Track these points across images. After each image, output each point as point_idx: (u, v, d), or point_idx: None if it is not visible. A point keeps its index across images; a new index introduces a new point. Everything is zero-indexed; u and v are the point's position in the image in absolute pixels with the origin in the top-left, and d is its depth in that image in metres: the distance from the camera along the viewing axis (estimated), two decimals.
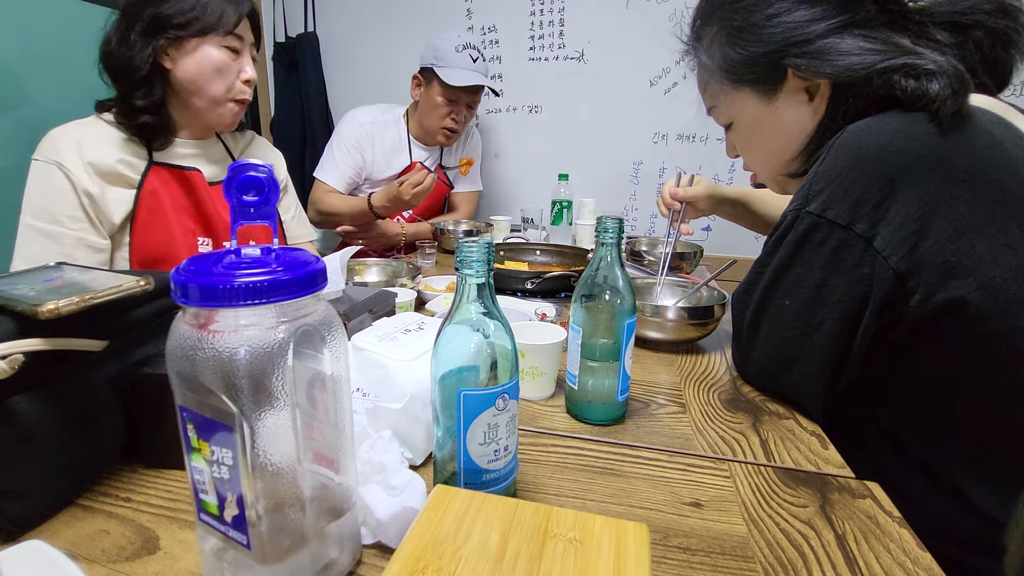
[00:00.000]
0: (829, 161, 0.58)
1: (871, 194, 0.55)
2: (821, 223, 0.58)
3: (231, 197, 0.34)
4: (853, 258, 0.57)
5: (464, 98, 1.59)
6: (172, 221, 0.97)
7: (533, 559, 0.30)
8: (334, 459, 0.37)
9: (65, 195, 0.89)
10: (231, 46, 0.95)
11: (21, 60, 1.34)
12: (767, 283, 0.65)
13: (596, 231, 0.59)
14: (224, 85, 0.96)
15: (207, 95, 0.96)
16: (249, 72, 0.99)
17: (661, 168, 1.95)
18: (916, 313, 0.56)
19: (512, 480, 0.47)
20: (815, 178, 0.59)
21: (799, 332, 0.62)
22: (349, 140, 1.64)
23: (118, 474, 0.50)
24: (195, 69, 0.93)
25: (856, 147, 0.57)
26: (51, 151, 0.89)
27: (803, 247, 0.60)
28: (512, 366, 0.43)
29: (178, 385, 0.33)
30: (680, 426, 0.63)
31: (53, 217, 0.88)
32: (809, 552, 0.44)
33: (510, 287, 1.10)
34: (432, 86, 1.58)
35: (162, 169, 0.98)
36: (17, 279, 0.44)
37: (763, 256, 0.66)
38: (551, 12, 1.92)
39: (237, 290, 0.30)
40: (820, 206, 0.58)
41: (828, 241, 0.58)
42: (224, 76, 0.96)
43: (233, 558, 0.35)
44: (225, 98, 0.97)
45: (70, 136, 0.91)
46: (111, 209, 0.92)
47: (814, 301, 0.60)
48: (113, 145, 0.93)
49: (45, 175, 0.89)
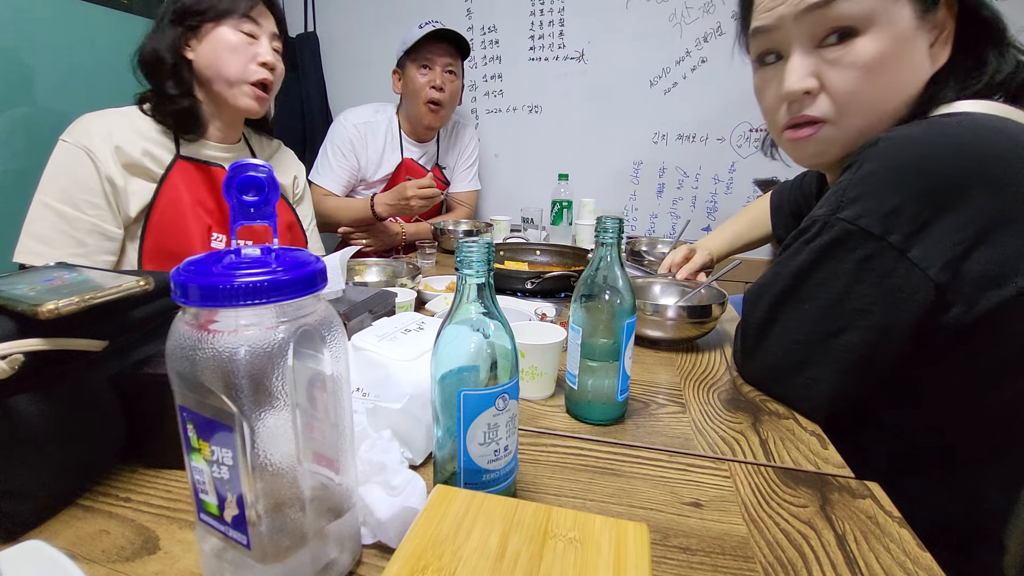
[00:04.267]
0: (867, 168, 0.56)
1: (910, 206, 0.53)
2: (852, 231, 0.56)
3: (231, 197, 0.34)
4: (884, 268, 0.55)
5: (436, 60, 1.59)
6: (188, 215, 0.98)
7: (533, 559, 0.30)
8: (334, 459, 0.37)
9: (88, 181, 0.89)
10: (246, 30, 0.97)
11: (21, 60, 1.34)
12: (786, 286, 0.63)
13: (596, 231, 0.59)
14: (239, 64, 0.97)
15: (223, 76, 0.97)
16: (265, 55, 0.99)
17: (661, 168, 1.95)
18: (955, 323, 0.54)
19: (512, 480, 0.47)
20: (850, 185, 0.57)
21: (814, 337, 0.61)
22: (342, 142, 1.64)
23: (118, 474, 0.50)
24: (212, 53, 0.96)
25: (897, 157, 0.55)
26: (82, 135, 0.90)
27: (830, 253, 0.58)
28: (512, 366, 0.43)
29: (178, 385, 0.33)
30: (680, 426, 0.63)
31: (72, 200, 0.89)
32: (809, 552, 0.44)
33: (510, 287, 1.10)
34: (407, 68, 1.61)
35: (187, 164, 0.99)
36: (17, 279, 0.44)
37: (784, 258, 0.64)
38: (551, 12, 1.92)
39: (237, 290, 0.30)
40: (853, 214, 0.56)
41: (858, 249, 0.56)
42: (238, 56, 0.97)
43: (233, 558, 0.35)
44: (241, 79, 0.98)
45: (103, 123, 0.92)
46: (130, 200, 0.93)
47: (835, 308, 0.59)
48: (142, 137, 0.95)
49: (72, 158, 0.89)
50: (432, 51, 1.57)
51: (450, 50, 1.60)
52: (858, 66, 0.58)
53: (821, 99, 0.62)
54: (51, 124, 0.94)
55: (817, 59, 0.61)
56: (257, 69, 0.99)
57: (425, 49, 1.57)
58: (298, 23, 2.12)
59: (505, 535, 0.32)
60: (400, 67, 1.65)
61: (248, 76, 0.99)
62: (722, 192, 1.91)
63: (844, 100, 0.61)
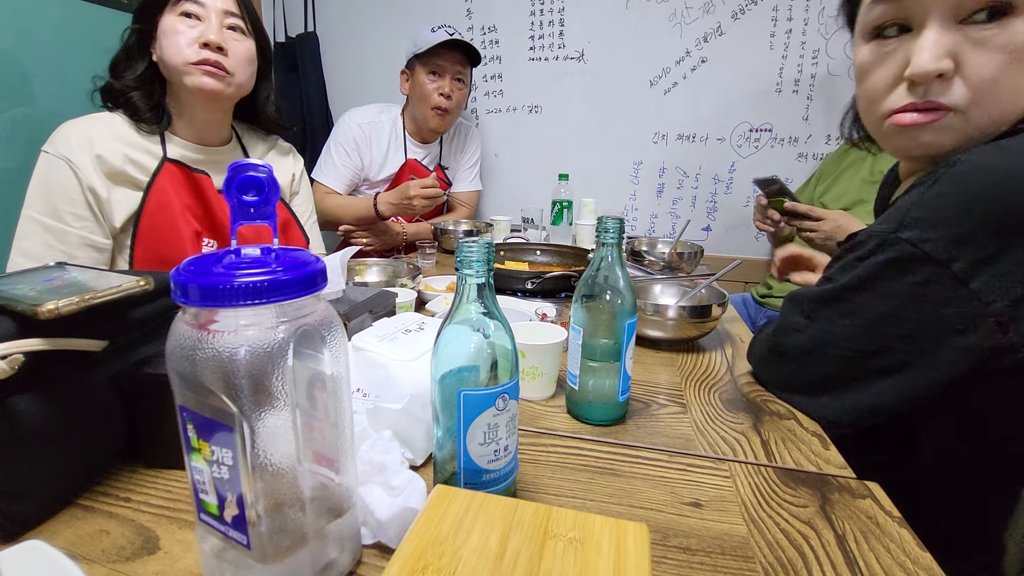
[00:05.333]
0: (936, 190, 0.52)
1: (981, 236, 0.50)
2: (914, 254, 0.53)
3: (231, 197, 0.34)
4: (939, 296, 0.52)
5: (447, 68, 1.58)
6: (179, 219, 0.97)
7: (533, 559, 0.30)
8: (334, 459, 0.37)
9: (71, 192, 0.88)
10: (188, 11, 0.92)
11: (21, 60, 1.34)
12: (830, 295, 0.60)
13: (597, 231, 0.59)
14: (177, 48, 0.91)
15: (171, 65, 0.92)
16: (205, 34, 0.91)
17: (661, 168, 1.95)
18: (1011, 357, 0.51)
19: (512, 480, 0.47)
20: (916, 204, 0.53)
21: (849, 354, 0.59)
22: (346, 141, 1.64)
23: (118, 474, 0.50)
24: (163, 44, 0.92)
25: (975, 184, 0.51)
26: (62, 146, 0.88)
27: (883, 273, 0.55)
28: (512, 366, 0.43)
29: (178, 385, 0.33)
30: (681, 426, 0.63)
31: (56, 214, 0.88)
32: (809, 552, 0.44)
33: (510, 287, 1.10)
34: (416, 71, 1.60)
35: (174, 167, 0.97)
36: (17, 279, 0.44)
37: (834, 271, 0.61)
38: (551, 12, 1.92)
39: (237, 290, 0.30)
40: (916, 236, 0.53)
41: (915, 273, 0.53)
42: (180, 39, 0.91)
43: (233, 558, 0.35)
44: (185, 64, 0.91)
45: (82, 132, 0.90)
46: (114, 210, 0.92)
47: (877, 327, 0.56)
48: (124, 143, 0.93)
49: (53, 169, 0.88)
50: (444, 58, 1.57)
51: (461, 58, 1.60)
52: (1008, 50, 0.51)
53: (955, 84, 0.54)
54: (51, 124, 0.93)
55: (958, 37, 0.52)
56: (197, 51, 0.91)
57: (436, 55, 1.56)
58: (298, 23, 2.12)
59: (505, 535, 0.32)
60: (409, 68, 1.64)
61: (187, 59, 0.91)
62: (722, 192, 1.91)
63: (982, 88, 0.53)
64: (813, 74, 1.74)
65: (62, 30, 1.41)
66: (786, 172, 1.81)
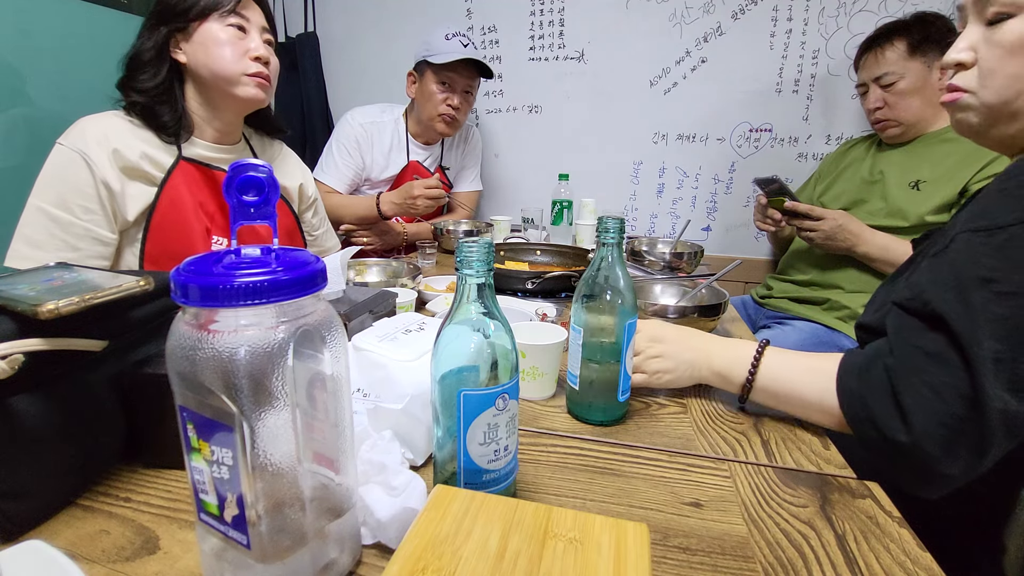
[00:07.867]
0: None
1: None
2: None
3: (231, 197, 0.34)
4: None
5: (459, 82, 1.58)
6: (191, 217, 0.98)
7: (533, 559, 0.30)
8: (334, 459, 0.37)
9: (84, 186, 0.89)
10: (235, 24, 0.95)
11: (21, 60, 1.34)
12: None
13: (597, 231, 0.59)
14: (231, 59, 0.95)
15: (219, 74, 0.95)
16: (257, 49, 0.98)
17: (661, 168, 1.95)
18: None
19: (512, 480, 0.47)
20: None
21: None
22: (348, 141, 1.64)
23: (118, 474, 0.50)
24: (203, 50, 0.94)
25: None
26: (79, 139, 0.89)
27: None
28: (512, 366, 0.43)
29: (178, 385, 0.33)
30: (681, 426, 0.63)
31: (65, 204, 0.88)
32: (809, 552, 0.44)
33: (510, 287, 1.10)
34: (426, 76, 1.59)
35: (190, 165, 0.98)
36: (17, 279, 0.44)
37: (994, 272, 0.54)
38: (551, 12, 1.92)
39: (237, 290, 0.30)
40: None
41: None
42: (232, 50, 0.95)
43: (233, 558, 0.35)
44: (238, 76, 0.96)
45: (100, 127, 0.91)
46: (127, 204, 0.93)
47: None
48: (141, 140, 0.94)
49: (68, 162, 0.89)
50: (458, 73, 1.56)
51: (473, 73, 1.60)
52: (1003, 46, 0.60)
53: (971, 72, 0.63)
54: (50, 124, 0.93)
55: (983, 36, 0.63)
56: (251, 63, 0.97)
57: (450, 68, 1.55)
58: (298, 23, 2.11)
59: (505, 535, 0.32)
60: (418, 72, 1.62)
61: (244, 70, 0.97)
62: (722, 192, 1.91)
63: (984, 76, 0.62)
64: (813, 74, 1.74)
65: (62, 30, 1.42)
66: (786, 172, 1.81)
